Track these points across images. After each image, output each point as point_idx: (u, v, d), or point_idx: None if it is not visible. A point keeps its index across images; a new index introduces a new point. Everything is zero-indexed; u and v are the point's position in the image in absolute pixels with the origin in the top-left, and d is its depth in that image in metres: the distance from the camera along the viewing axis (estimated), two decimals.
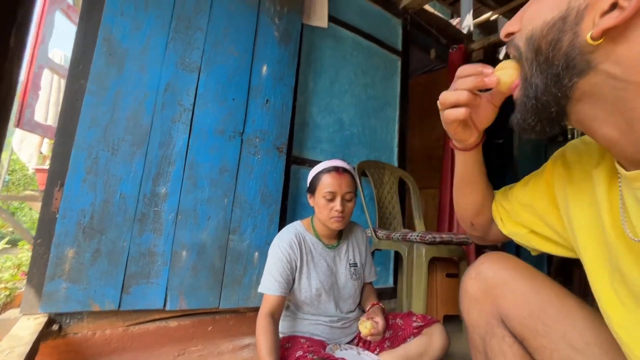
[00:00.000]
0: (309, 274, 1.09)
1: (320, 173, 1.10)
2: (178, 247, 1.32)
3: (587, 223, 0.45)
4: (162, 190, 1.31)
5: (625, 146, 0.35)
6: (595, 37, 0.31)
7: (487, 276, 0.57)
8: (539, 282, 0.53)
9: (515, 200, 0.57)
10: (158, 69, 1.34)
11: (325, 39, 1.97)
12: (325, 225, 1.10)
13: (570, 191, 0.48)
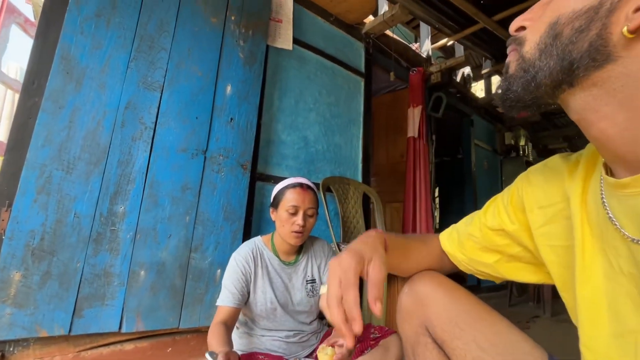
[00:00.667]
0: (264, 288, 1.11)
1: (285, 188, 1.13)
2: (136, 267, 1.29)
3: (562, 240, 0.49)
4: (120, 209, 1.29)
5: (619, 144, 0.36)
6: (632, 30, 0.32)
7: (417, 291, 0.63)
8: (459, 294, 0.61)
9: (484, 228, 0.60)
10: (119, 88, 1.34)
11: (291, 60, 2.05)
12: (284, 240, 1.12)
13: (539, 213, 0.52)
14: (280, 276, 1.15)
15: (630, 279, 0.39)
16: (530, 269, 0.58)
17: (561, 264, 0.50)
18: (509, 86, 0.41)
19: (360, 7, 2.26)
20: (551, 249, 0.52)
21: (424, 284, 0.63)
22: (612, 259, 0.41)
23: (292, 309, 1.14)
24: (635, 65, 0.33)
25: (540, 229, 0.53)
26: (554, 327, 2.38)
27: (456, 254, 0.65)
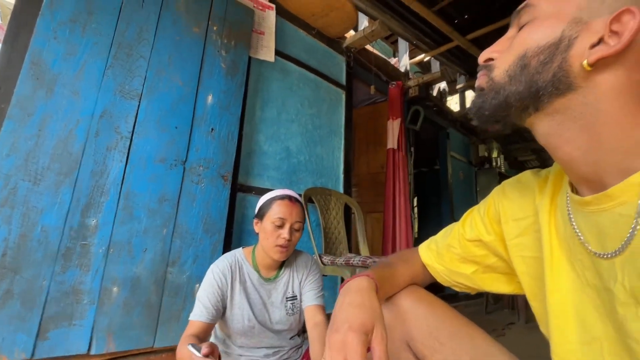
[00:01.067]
0: (242, 304, 1.05)
1: (272, 199, 1.08)
2: (108, 283, 1.23)
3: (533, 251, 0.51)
4: (92, 222, 1.23)
5: (582, 166, 0.39)
6: (591, 63, 0.36)
7: (398, 305, 0.63)
8: (439, 308, 0.62)
9: (462, 239, 0.62)
10: (94, 95, 1.29)
11: (273, 71, 2.06)
12: (267, 254, 1.07)
13: (513, 225, 0.55)
14: (258, 292, 1.09)
15: (594, 290, 0.42)
16: (504, 279, 0.61)
17: (531, 275, 0.53)
18: (482, 104, 0.44)
19: (342, 22, 2.32)
20: (522, 259, 0.54)
21: (404, 298, 0.63)
22: (578, 271, 0.44)
23: (270, 327, 1.09)
24: (593, 95, 0.37)
25: (514, 240, 0.56)
26: (528, 333, 2.46)
27: (435, 265, 0.67)
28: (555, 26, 0.39)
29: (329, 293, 2.17)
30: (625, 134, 0.37)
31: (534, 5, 0.42)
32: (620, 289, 0.38)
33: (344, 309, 0.50)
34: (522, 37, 0.42)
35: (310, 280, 1.14)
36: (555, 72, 0.38)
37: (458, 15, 2.62)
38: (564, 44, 0.38)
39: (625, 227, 0.37)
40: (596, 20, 0.37)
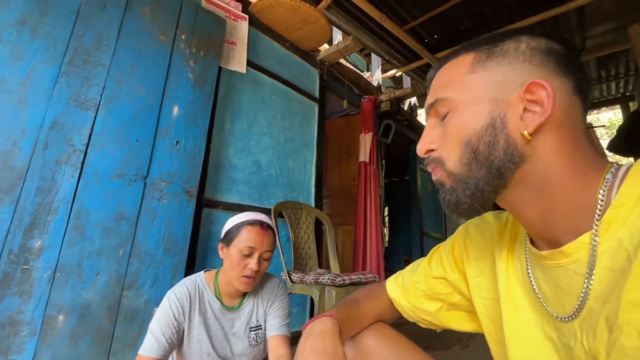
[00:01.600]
0: (200, 337, 0.98)
1: (242, 225, 1.00)
2: (53, 311, 1.12)
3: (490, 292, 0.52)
4: (37, 244, 1.12)
5: (539, 226, 0.42)
6: (530, 132, 0.39)
7: (361, 344, 0.62)
8: (402, 346, 0.61)
9: (428, 276, 0.63)
10: (43, 105, 1.18)
11: (245, 82, 2.01)
12: (231, 284, 1.01)
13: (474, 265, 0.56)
14: (220, 323, 1.02)
15: (553, 344, 0.43)
16: (467, 317, 0.62)
17: (489, 316, 0.54)
18: (457, 199, 0.43)
19: (316, 36, 2.32)
20: (481, 300, 0.55)
21: (368, 337, 0.62)
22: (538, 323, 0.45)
23: (232, 359, 1.02)
24: (540, 159, 0.40)
25: (474, 280, 0.57)
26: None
27: (401, 301, 0.67)
28: (480, 111, 0.41)
29: (298, 310, 2.13)
30: (575, 196, 0.39)
31: (446, 98, 0.44)
32: (580, 348, 0.38)
33: (305, 357, 0.49)
34: (454, 126, 0.43)
35: (275, 307, 1.08)
36: (505, 148, 0.40)
37: (427, 35, 2.71)
38: (498, 123, 0.40)
39: (579, 284, 0.39)
40: (511, 96, 0.40)
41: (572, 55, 0.42)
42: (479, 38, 0.46)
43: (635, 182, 0.36)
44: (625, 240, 0.35)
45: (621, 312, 0.34)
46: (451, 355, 2.07)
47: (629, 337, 0.33)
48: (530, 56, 0.41)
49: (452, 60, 0.47)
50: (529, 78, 0.40)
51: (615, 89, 3.76)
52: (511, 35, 0.43)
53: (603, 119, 10.00)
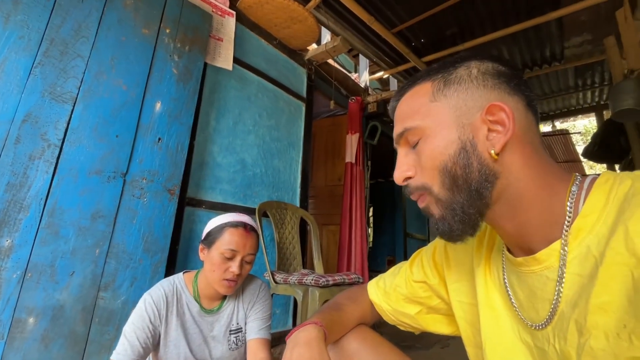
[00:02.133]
0: (178, 341, 0.95)
1: (224, 226, 0.97)
2: (22, 314, 1.07)
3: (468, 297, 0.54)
4: (6, 243, 1.06)
5: (515, 237, 0.44)
6: (497, 151, 0.41)
7: (344, 348, 0.63)
8: (383, 351, 0.62)
9: (409, 280, 0.64)
10: (15, 96, 1.13)
11: (231, 79, 1.98)
12: (212, 286, 0.98)
13: (454, 270, 0.58)
14: (198, 326, 0.98)
15: (527, 347, 0.44)
16: (446, 320, 0.63)
17: (466, 320, 0.56)
18: (450, 227, 0.45)
19: (304, 35, 2.31)
20: (459, 304, 0.57)
21: (350, 340, 0.63)
22: (514, 326, 0.47)
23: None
24: (511, 175, 0.42)
25: (453, 285, 0.58)
26: None
27: (382, 304, 0.68)
28: (449, 136, 0.43)
29: (281, 310, 2.11)
30: (545, 207, 0.41)
31: (415, 127, 0.46)
32: (552, 351, 0.40)
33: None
34: (428, 153, 0.45)
35: (256, 309, 1.05)
36: (479, 169, 0.42)
37: (415, 39, 2.75)
38: (468, 145, 0.43)
39: (551, 290, 0.41)
40: (474, 119, 0.43)
41: (518, 75, 0.46)
42: (431, 67, 0.49)
43: (601, 193, 0.38)
44: (592, 248, 0.37)
45: (589, 315, 0.36)
46: (431, 354, 2.11)
47: (597, 339, 0.35)
48: (483, 80, 0.44)
49: (410, 91, 0.49)
50: (487, 101, 0.43)
51: (590, 98, 3.93)
52: (461, 62, 0.46)
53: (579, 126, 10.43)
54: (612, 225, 0.36)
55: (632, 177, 0.37)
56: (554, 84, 3.58)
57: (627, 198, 0.36)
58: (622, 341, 0.33)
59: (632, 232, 0.34)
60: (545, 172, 0.43)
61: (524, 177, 0.42)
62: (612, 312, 0.34)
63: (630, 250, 0.33)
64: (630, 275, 0.33)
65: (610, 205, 0.37)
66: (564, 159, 5.44)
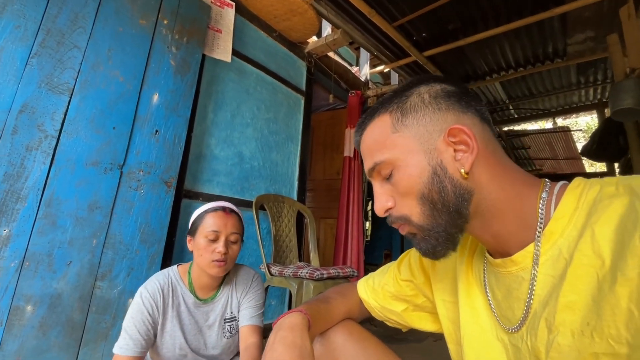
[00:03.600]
0: (173, 332, 0.98)
1: (204, 213, 1.01)
2: (20, 302, 1.09)
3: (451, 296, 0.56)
4: (4, 232, 1.08)
5: (492, 244, 0.47)
6: (467, 171, 0.43)
7: (330, 340, 0.64)
8: (370, 346, 0.63)
9: (397, 278, 0.67)
10: (12, 87, 1.13)
11: (229, 72, 1.97)
12: (204, 271, 1.00)
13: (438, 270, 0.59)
14: (193, 317, 1.01)
15: (503, 344, 0.46)
16: (431, 318, 0.65)
17: (449, 318, 0.57)
18: (434, 246, 0.46)
19: (304, 28, 2.29)
20: (443, 302, 0.59)
21: (336, 334, 0.64)
22: (492, 325, 0.48)
23: (204, 353, 1.03)
24: (483, 189, 0.44)
25: (437, 284, 0.60)
26: None
27: (370, 301, 0.70)
28: (419, 163, 0.45)
29: (277, 302, 2.14)
30: (518, 214, 0.43)
31: (384, 160, 0.47)
32: (525, 347, 0.42)
33: (275, 348, 0.51)
34: (403, 183, 0.46)
35: (249, 298, 1.08)
36: (453, 190, 0.44)
37: (416, 32, 2.72)
38: (439, 170, 0.44)
39: (526, 289, 0.43)
40: (438, 144, 0.45)
41: (465, 91, 0.47)
42: (384, 97, 0.50)
43: (572, 198, 0.40)
44: (563, 250, 0.39)
45: (557, 313, 0.37)
46: (423, 347, 2.15)
47: (564, 336, 0.37)
48: (437, 104, 0.46)
49: (370, 125, 0.50)
50: (446, 124, 0.45)
51: (592, 95, 3.90)
52: (410, 89, 0.48)
53: (581, 123, 10.37)
54: (581, 229, 0.38)
55: (600, 183, 0.39)
56: (555, 81, 3.56)
57: (595, 202, 0.37)
58: (585, 338, 0.35)
59: (597, 235, 0.35)
60: (513, 180, 0.44)
61: (494, 189, 0.44)
62: (578, 310, 0.36)
63: (596, 252, 0.35)
64: (595, 276, 0.35)
65: (580, 209, 0.39)
66: (564, 156, 5.43)
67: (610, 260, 0.34)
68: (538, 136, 4.99)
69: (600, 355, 0.33)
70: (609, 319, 0.33)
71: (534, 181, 0.45)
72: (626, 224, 0.34)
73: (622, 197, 0.35)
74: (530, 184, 0.44)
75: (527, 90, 3.83)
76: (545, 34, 2.64)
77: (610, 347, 0.33)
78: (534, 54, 2.95)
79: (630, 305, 0.31)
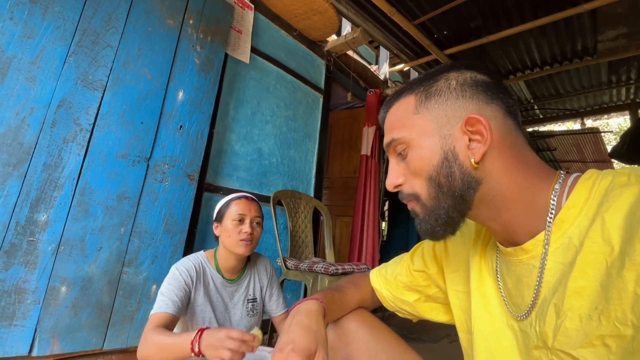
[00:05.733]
0: (204, 307, 1.07)
1: (229, 201, 1.14)
2: (56, 283, 1.17)
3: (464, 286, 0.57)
4: (42, 218, 1.17)
5: (502, 234, 0.47)
6: (477, 161, 0.44)
7: (342, 328, 0.67)
8: (380, 332, 0.66)
9: (410, 269, 0.68)
10: (52, 83, 1.22)
11: (250, 70, 2.03)
12: (231, 252, 1.09)
13: (452, 261, 0.61)
14: (221, 295, 1.12)
15: (512, 331, 0.47)
16: (443, 309, 0.66)
17: (462, 308, 0.58)
18: (433, 227, 0.48)
19: (324, 27, 2.31)
20: (455, 292, 0.60)
21: (350, 322, 0.67)
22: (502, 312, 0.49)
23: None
24: (492, 180, 0.45)
25: (451, 275, 0.61)
26: None
27: (383, 291, 0.71)
28: (432, 147, 0.46)
29: (292, 295, 2.18)
30: (528, 206, 0.44)
31: (400, 138, 0.49)
32: (533, 333, 0.43)
33: (291, 330, 0.53)
34: (414, 164, 0.48)
35: (274, 292, 1.22)
36: (461, 177, 0.45)
37: (437, 30, 2.69)
38: (450, 155, 0.45)
39: (536, 276, 0.43)
40: (454, 130, 0.46)
41: (495, 82, 0.47)
42: (414, 79, 0.51)
43: (584, 188, 0.41)
44: (574, 238, 0.39)
45: (566, 299, 0.38)
46: (438, 348, 2.13)
47: (571, 320, 0.38)
48: (462, 91, 0.46)
49: (396, 104, 0.51)
50: (466, 112, 0.45)
51: (625, 95, 3.71)
52: (440, 73, 0.48)
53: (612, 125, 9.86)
54: (592, 217, 0.38)
55: (613, 173, 0.39)
56: (584, 80, 3.41)
57: (607, 192, 0.38)
58: (592, 321, 0.36)
59: (607, 223, 0.36)
60: (528, 173, 0.45)
61: (505, 181, 0.44)
62: (586, 295, 0.37)
63: (605, 240, 0.36)
64: (604, 262, 0.36)
65: (592, 199, 0.39)
66: (593, 159, 5.20)
67: (619, 247, 0.35)
68: (565, 137, 4.79)
69: (606, 337, 0.34)
70: (616, 302, 0.34)
71: (549, 174, 0.45)
72: (635, 212, 0.34)
73: (634, 187, 0.36)
74: (544, 177, 0.44)
75: (553, 90, 3.69)
76: (574, 31, 2.55)
77: (616, 329, 0.34)
78: (561, 52, 2.84)
79: (637, 289, 0.32)
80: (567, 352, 0.38)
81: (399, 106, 0.51)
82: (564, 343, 0.38)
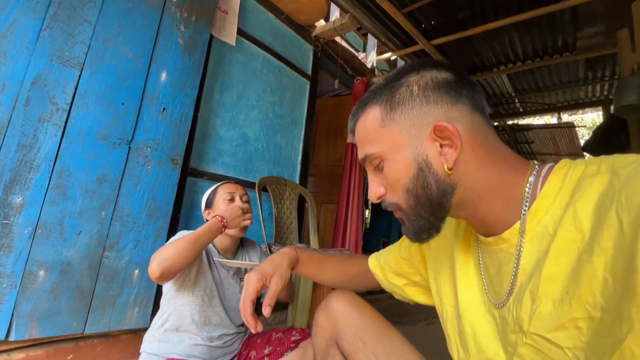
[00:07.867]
0: (207, 274, 1.11)
1: (217, 187, 1.21)
2: (33, 267, 1.14)
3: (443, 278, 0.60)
4: (17, 200, 1.12)
5: (483, 228, 0.50)
6: (450, 167, 0.44)
7: (331, 307, 0.71)
8: (366, 312, 0.70)
9: (397, 257, 0.73)
10: (25, 59, 1.15)
11: (236, 53, 1.98)
12: (226, 238, 1.16)
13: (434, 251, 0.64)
14: (218, 270, 1.17)
15: (493, 317, 0.50)
16: (427, 293, 0.71)
17: (439, 295, 0.61)
18: (418, 229, 0.50)
19: (312, 10, 2.27)
20: (434, 281, 0.63)
21: (337, 301, 0.70)
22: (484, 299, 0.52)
23: (226, 303, 1.16)
24: (467, 181, 0.46)
25: (432, 264, 0.65)
26: None
27: (378, 274, 0.76)
28: (406, 158, 0.47)
29: None
30: (503, 199, 0.46)
31: (373, 153, 0.49)
32: (511, 318, 0.45)
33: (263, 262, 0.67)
34: (391, 176, 0.49)
35: None
36: (437, 185, 0.46)
37: (425, 20, 2.70)
38: (424, 166, 0.46)
39: (513, 264, 0.46)
40: (423, 139, 0.46)
41: (458, 77, 0.47)
42: (376, 86, 0.51)
43: (557, 178, 0.43)
44: (549, 226, 0.42)
45: (541, 285, 0.41)
46: (417, 330, 2.23)
47: (545, 305, 0.40)
48: (425, 97, 0.46)
49: (362, 115, 0.51)
50: (433, 118, 0.45)
51: (599, 91, 3.88)
52: (400, 78, 0.48)
53: (587, 120, 10.28)
54: (565, 206, 0.40)
55: (585, 163, 0.41)
56: (563, 75, 3.53)
57: (579, 181, 0.40)
58: (564, 305, 0.38)
59: (579, 211, 0.38)
60: (501, 167, 0.46)
61: (480, 180, 0.46)
62: (559, 281, 0.39)
63: (577, 227, 0.38)
64: (576, 249, 0.38)
65: (565, 188, 0.41)
66: (567, 152, 5.43)
67: (589, 234, 0.37)
68: (542, 131, 4.97)
69: (578, 320, 0.37)
70: (586, 287, 0.36)
71: (523, 166, 0.46)
72: (604, 200, 0.36)
73: (604, 175, 0.38)
74: (519, 170, 0.46)
75: (533, 84, 3.81)
76: (556, 27, 2.62)
77: (587, 312, 0.36)
78: (543, 47, 2.92)
79: (605, 273, 0.34)
80: (542, 335, 0.40)
81: (365, 118, 0.50)
82: (539, 327, 0.40)
